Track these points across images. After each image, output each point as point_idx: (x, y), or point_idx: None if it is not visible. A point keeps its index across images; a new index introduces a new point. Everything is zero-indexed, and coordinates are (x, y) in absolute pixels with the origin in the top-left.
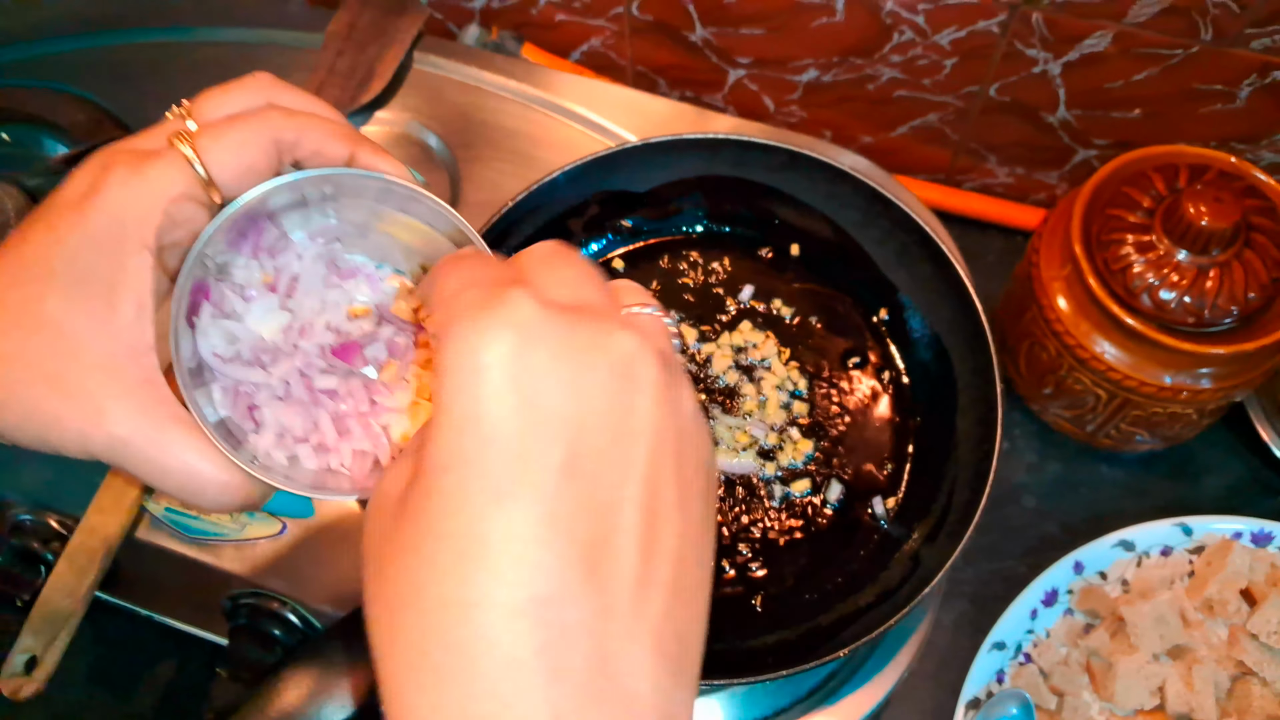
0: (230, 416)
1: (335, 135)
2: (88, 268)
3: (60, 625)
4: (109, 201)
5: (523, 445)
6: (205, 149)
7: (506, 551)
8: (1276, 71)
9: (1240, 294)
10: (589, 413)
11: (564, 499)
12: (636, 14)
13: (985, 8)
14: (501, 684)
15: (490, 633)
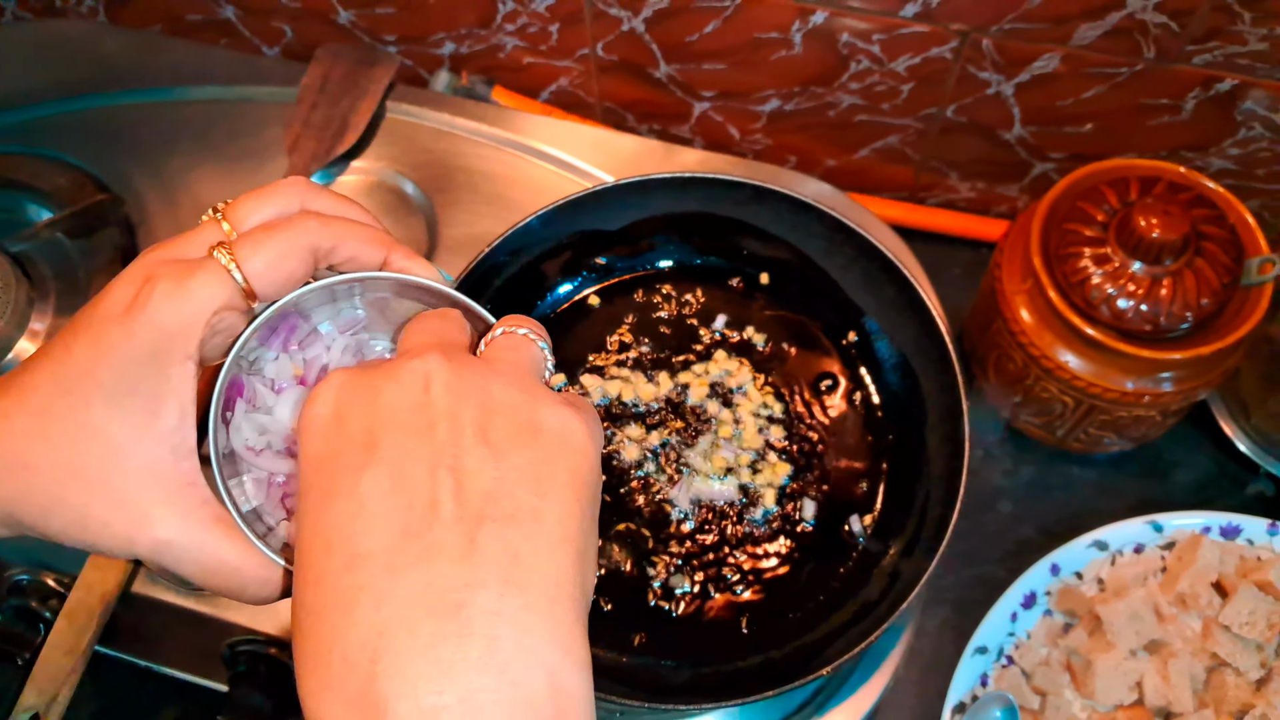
0: (263, 505)
1: (370, 240)
2: (134, 380)
3: (62, 682)
4: (154, 317)
5: (333, 459)
6: (245, 259)
7: (334, 533)
8: (1219, 84)
9: (1194, 300)
10: (380, 420)
11: (367, 483)
12: (602, 54)
13: (937, 35)
14: (337, 621)
15: (329, 589)
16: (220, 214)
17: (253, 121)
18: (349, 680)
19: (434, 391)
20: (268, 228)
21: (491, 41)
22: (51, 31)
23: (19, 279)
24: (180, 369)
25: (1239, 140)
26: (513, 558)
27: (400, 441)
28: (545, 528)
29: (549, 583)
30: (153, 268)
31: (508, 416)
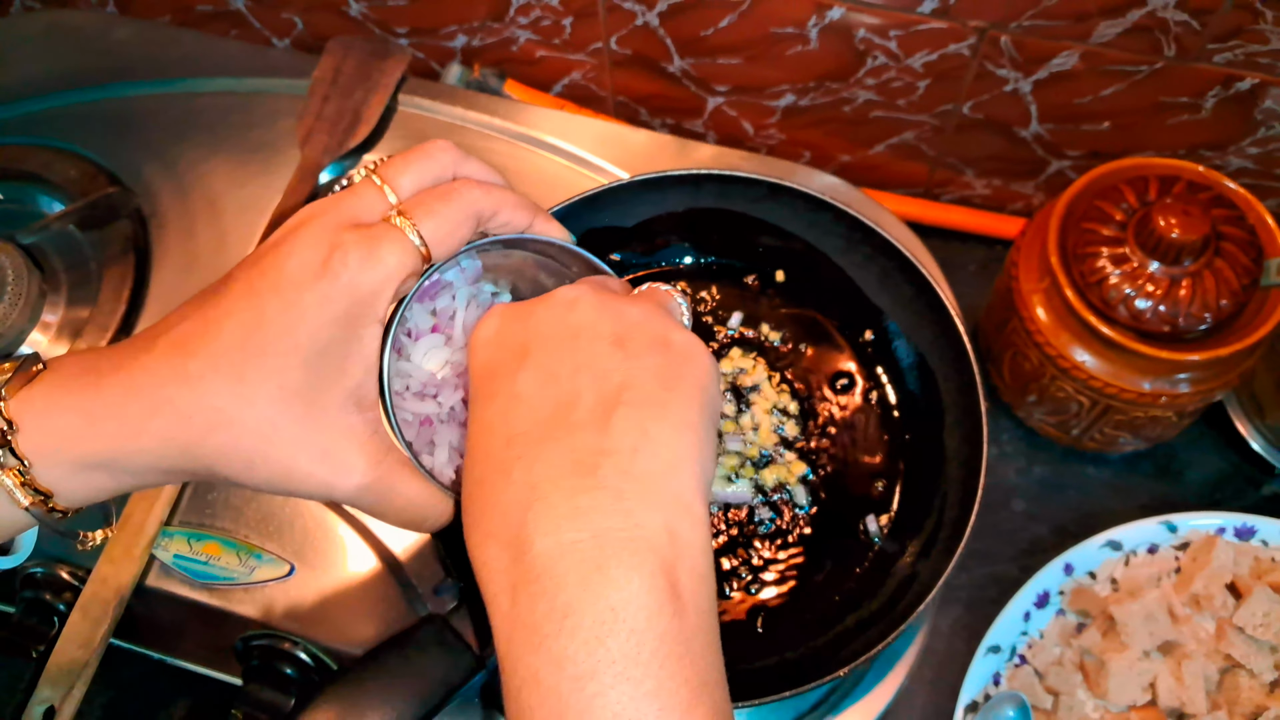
0: (413, 442)
1: (520, 207)
2: (329, 341)
3: (76, 675)
4: (351, 283)
5: (494, 365)
6: (422, 226)
7: (495, 419)
8: (1239, 83)
9: (1213, 301)
10: (534, 333)
11: (520, 381)
12: (615, 48)
13: (955, 32)
14: (498, 483)
15: (491, 460)
16: (377, 176)
17: (264, 113)
18: (505, 527)
19: (578, 310)
20: (437, 195)
21: (504, 34)
22: (61, 22)
23: (31, 270)
24: (370, 330)
25: (1258, 139)
26: (641, 433)
27: (548, 348)
28: (670, 413)
29: (672, 455)
30: (336, 234)
31: (642, 330)
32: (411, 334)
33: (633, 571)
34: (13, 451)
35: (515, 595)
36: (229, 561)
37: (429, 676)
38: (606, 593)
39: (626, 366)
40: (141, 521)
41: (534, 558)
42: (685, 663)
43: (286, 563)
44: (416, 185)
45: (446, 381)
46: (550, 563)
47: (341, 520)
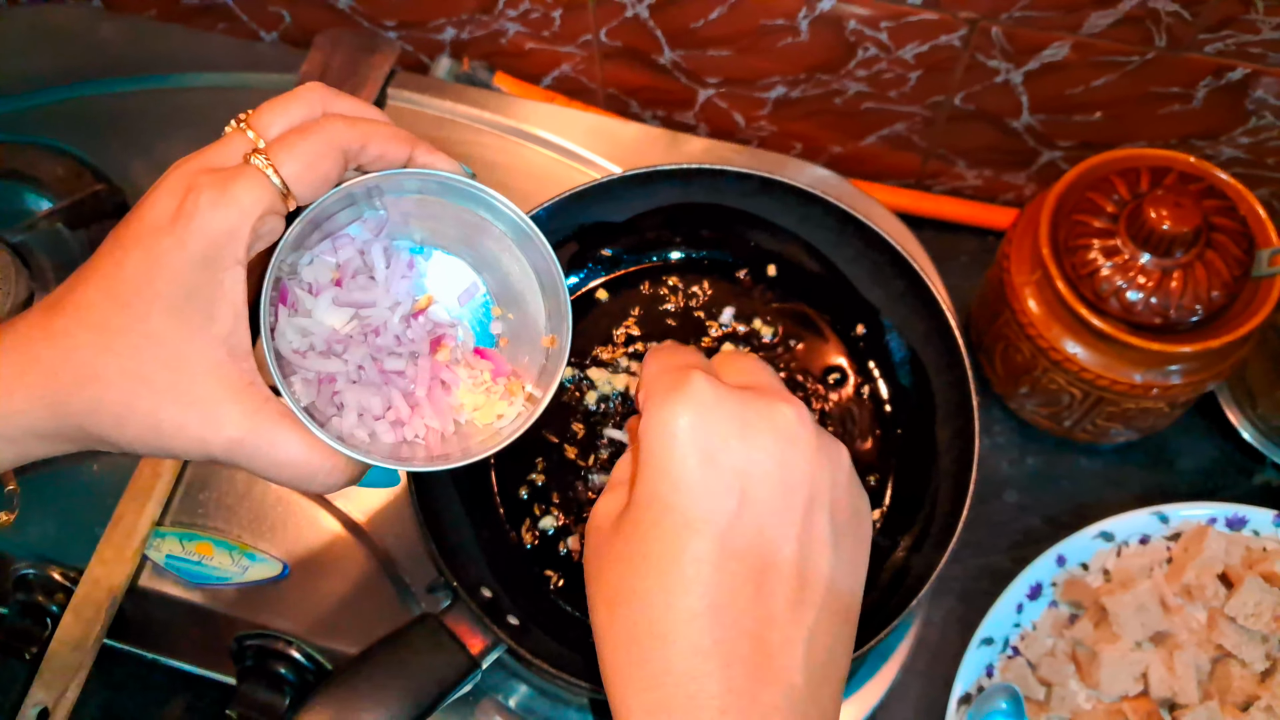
0: (314, 403)
1: (395, 139)
2: (189, 286)
3: (70, 676)
4: (203, 224)
5: (705, 489)
6: (281, 163)
7: (692, 569)
8: (1231, 73)
9: (1204, 293)
10: (757, 466)
11: (737, 533)
12: (605, 40)
13: (946, 23)
14: (688, 664)
15: (680, 627)
16: (244, 123)
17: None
18: (683, 710)
19: (801, 454)
20: (298, 131)
21: (493, 27)
22: (46, 18)
23: (19, 269)
24: (231, 273)
25: (1249, 129)
26: (831, 656)
27: (769, 498)
28: (852, 628)
29: (844, 676)
30: (192, 178)
31: (846, 497)
32: (312, 289)
33: None
34: None
35: None
36: (222, 561)
37: (423, 676)
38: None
39: (834, 553)
40: (133, 522)
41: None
42: None
43: (279, 562)
44: (284, 127)
45: (352, 338)
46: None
47: (335, 520)
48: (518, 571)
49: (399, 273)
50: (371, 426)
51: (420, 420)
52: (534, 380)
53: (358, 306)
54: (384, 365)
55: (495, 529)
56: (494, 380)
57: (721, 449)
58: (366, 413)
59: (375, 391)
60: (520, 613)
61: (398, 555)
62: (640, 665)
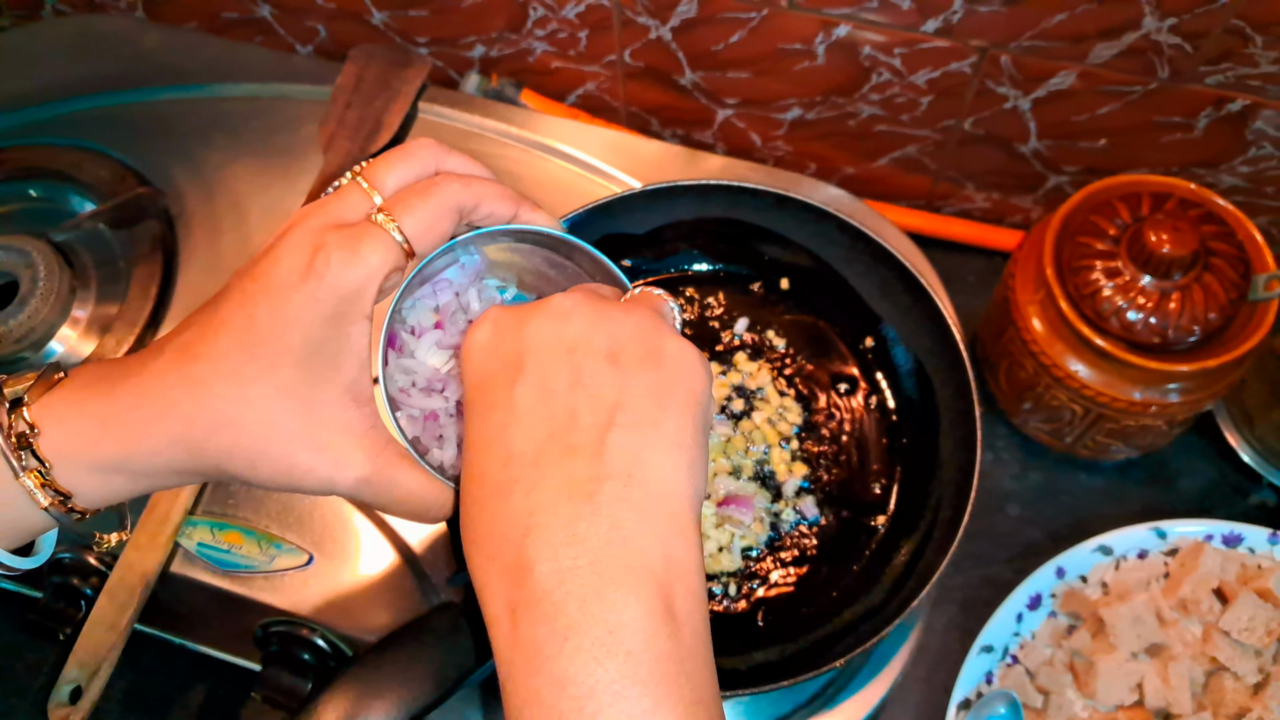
0: (418, 437)
1: (503, 197)
2: (318, 340)
3: (103, 657)
4: (334, 282)
5: (488, 378)
6: (404, 223)
7: (491, 438)
8: (1231, 104)
9: (1201, 314)
10: (529, 345)
11: (516, 397)
12: (629, 60)
13: (957, 50)
14: (497, 507)
15: (489, 482)
16: (361, 178)
17: (287, 118)
18: (505, 551)
19: (573, 321)
20: (417, 192)
21: (521, 46)
22: (91, 27)
23: (62, 268)
24: (358, 326)
25: (1249, 158)
26: (635, 458)
27: (543, 361)
28: (664, 435)
29: (665, 479)
30: (319, 235)
31: (636, 343)
32: (415, 331)
33: (630, 595)
34: (35, 454)
35: (516, 618)
36: (250, 550)
37: (443, 662)
38: (605, 616)
39: (621, 384)
40: (166, 511)
41: (534, 583)
42: (680, 681)
43: (305, 552)
44: (400, 184)
45: (453, 376)
46: (550, 588)
47: (358, 512)
48: None
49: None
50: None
51: None
52: None
53: (457, 348)
54: None
55: None
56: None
57: (500, 342)
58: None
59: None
60: None
61: (419, 547)
62: (471, 533)
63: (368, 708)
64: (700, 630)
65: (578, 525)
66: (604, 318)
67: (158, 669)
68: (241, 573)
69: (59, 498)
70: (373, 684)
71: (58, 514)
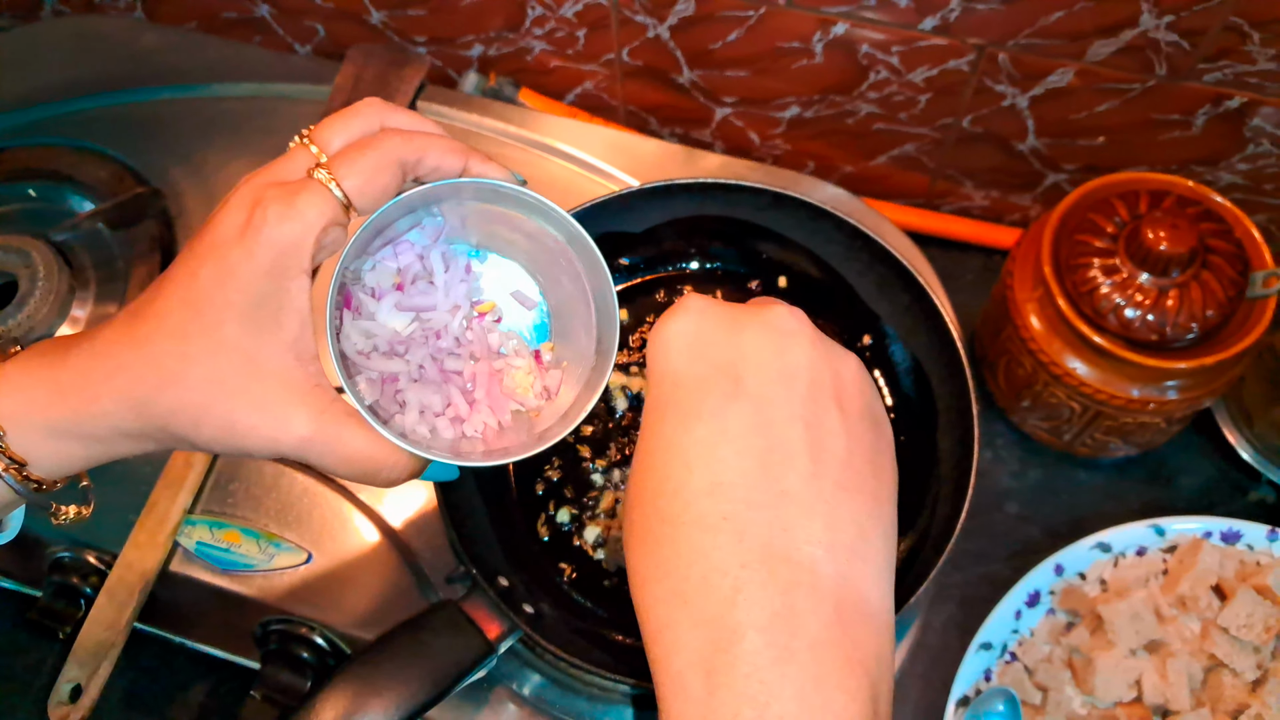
0: (378, 401)
1: (450, 150)
2: (258, 295)
3: (102, 655)
4: (270, 236)
5: (698, 380)
6: (343, 177)
7: (693, 452)
8: (1229, 102)
9: (1199, 312)
10: (750, 357)
11: (734, 416)
12: (627, 59)
13: (955, 48)
14: (698, 540)
15: (689, 507)
16: (307, 138)
17: (286, 118)
18: (706, 601)
19: (796, 345)
20: (358, 146)
21: (519, 45)
22: (90, 27)
23: (61, 267)
24: (297, 281)
25: (1247, 156)
26: (859, 531)
27: (765, 384)
28: (882, 511)
29: (881, 563)
30: (259, 192)
31: (856, 394)
32: (375, 293)
33: (850, 697)
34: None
35: (713, 684)
36: (249, 549)
37: (441, 660)
38: (823, 715)
39: (847, 438)
40: (166, 510)
41: (744, 653)
42: None
43: (304, 551)
44: (345, 142)
45: (414, 339)
46: (763, 665)
47: (357, 511)
48: (533, 563)
49: (457, 277)
50: (432, 423)
51: (479, 416)
52: (578, 382)
53: (418, 310)
54: (444, 365)
55: (512, 522)
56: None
57: (711, 344)
58: (427, 410)
59: (435, 390)
60: (535, 602)
61: (417, 546)
62: (653, 555)
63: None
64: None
65: (797, 597)
66: (830, 352)
67: (157, 668)
68: (240, 571)
69: (14, 465)
70: (371, 682)
71: (14, 483)
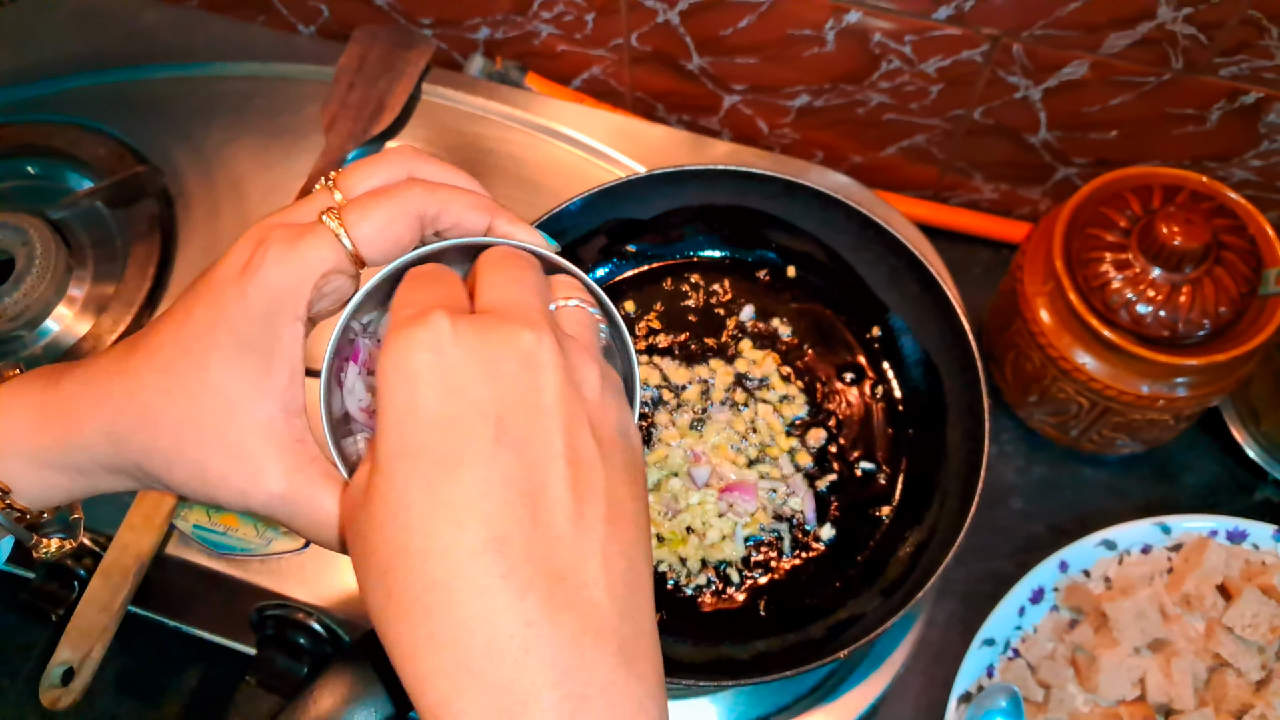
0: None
1: (474, 207)
2: (248, 339)
3: (95, 638)
4: (266, 278)
5: (456, 426)
6: (352, 224)
7: (462, 507)
8: (1244, 97)
9: (1211, 308)
10: (505, 396)
11: (498, 462)
12: (635, 44)
13: (968, 39)
14: (478, 606)
15: (462, 569)
16: (332, 182)
17: (289, 98)
18: (496, 668)
19: (550, 376)
20: (375, 194)
21: (526, 28)
22: (91, 4)
23: (59, 246)
24: (290, 329)
25: (1261, 152)
26: (629, 562)
27: (526, 423)
28: (643, 534)
29: (650, 586)
30: (266, 232)
31: (608, 414)
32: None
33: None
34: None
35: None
36: (246, 533)
37: None
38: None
39: (605, 466)
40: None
41: (539, 712)
42: None
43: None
44: (367, 188)
45: None
46: (560, 719)
47: None
48: None
49: None
50: None
51: None
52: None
53: None
54: None
55: None
56: None
57: (466, 379)
58: None
59: None
60: None
61: None
62: (425, 626)
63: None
64: None
65: (584, 644)
66: (580, 373)
67: (151, 651)
68: (237, 555)
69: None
70: (370, 670)
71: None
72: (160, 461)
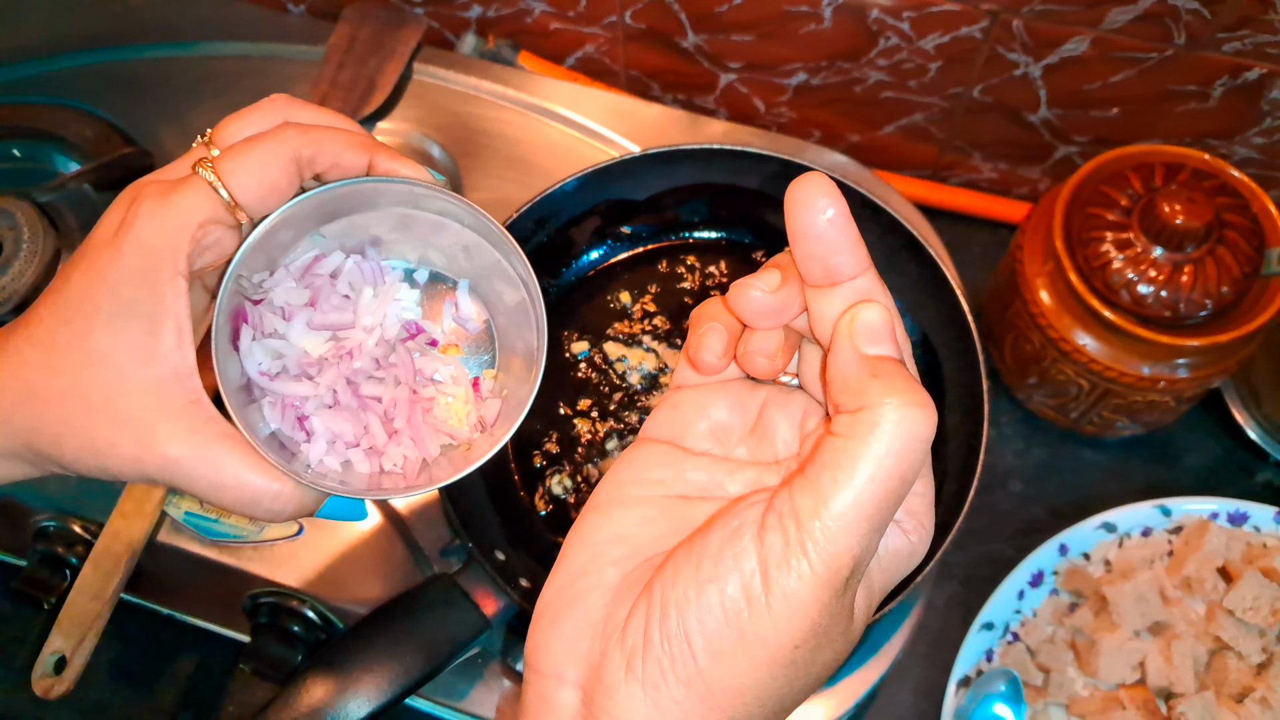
0: (280, 429)
1: (351, 145)
2: (128, 300)
3: (88, 626)
4: (140, 234)
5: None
6: (227, 173)
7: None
8: (1247, 73)
9: (1214, 288)
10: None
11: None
12: (630, 22)
13: (968, 14)
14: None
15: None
16: (208, 137)
17: (278, 79)
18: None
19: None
20: (249, 141)
21: (519, 6)
22: None
23: (46, 229)
24: (171, 286)
25: (1264, 129)
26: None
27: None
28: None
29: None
30: (139, 189)
31: None
32: (285, 312)
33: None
34: None
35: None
36: (239, 519)
37: (437, 634)
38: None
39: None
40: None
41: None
42: None
43: (295, 522)
44: (241, 137)
45: (326, 361)
46: None
47: None
48: (530, 537)
49: (387, 295)
50: (345, 455)
51: (398, 449)
52: (504, 403)
53: (333, 328)
54: (360, 390)
55: (509, 495)
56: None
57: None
58: (339, 439)
59: (349, 417)
60: (531, 576)
61: (411, 519)
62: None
63: (358, 681)
64: None
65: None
66: None
67: (144, 639)
68: (230, 542)
69: None
70: (364, 657)
71: None
72: (48, 437)
